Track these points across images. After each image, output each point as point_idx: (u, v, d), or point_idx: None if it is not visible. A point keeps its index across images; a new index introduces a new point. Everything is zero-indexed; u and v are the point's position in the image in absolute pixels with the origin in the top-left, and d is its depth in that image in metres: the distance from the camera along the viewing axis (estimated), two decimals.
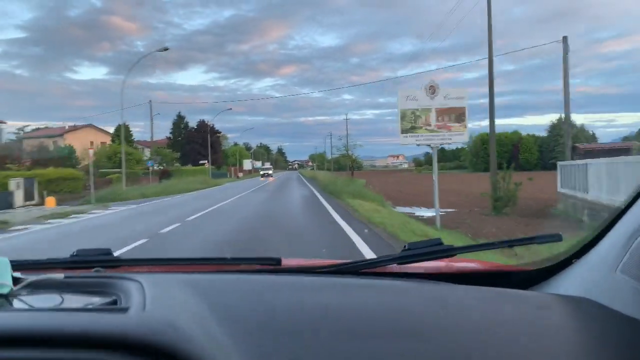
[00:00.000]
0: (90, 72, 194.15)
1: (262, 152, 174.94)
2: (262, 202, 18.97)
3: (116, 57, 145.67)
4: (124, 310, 0.70)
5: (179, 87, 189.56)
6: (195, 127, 66.87)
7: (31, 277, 0.85)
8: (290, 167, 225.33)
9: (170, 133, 66.92)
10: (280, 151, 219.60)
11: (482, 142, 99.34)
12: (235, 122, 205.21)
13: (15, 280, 0.85)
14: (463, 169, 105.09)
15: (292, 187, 30.07)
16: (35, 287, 0.85)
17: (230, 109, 74.74)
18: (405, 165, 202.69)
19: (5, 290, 0.82)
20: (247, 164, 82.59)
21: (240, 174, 78.39)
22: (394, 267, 1.14)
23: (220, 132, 71.44)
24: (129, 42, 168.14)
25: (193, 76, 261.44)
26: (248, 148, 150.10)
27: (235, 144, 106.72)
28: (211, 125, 68.77)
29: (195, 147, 62.70)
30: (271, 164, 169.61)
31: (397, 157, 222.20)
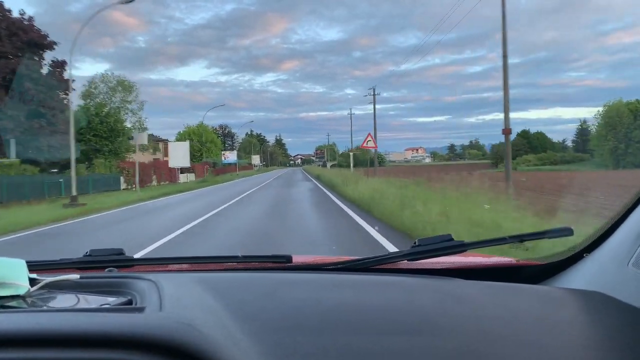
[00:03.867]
0: (92, 69, 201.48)
1: (254, 143, 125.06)
2: None
3: (118, 53, 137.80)
4: (140, 309, 0.72)
5: (179, 82, 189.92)
6: None
7: (47, 278, 0.89)
8: (291, 162, 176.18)
9: None
10: (279, 142, 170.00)
11: (634, 117, 44.65)
12: (237, 117, 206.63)
13: (32, 281, 0.88)
14: (575, 163, 56.56)
15: None
16: (51, 288, 0.89)
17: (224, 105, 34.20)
18: (428, 160, 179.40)
19: (22, 291, 0.84)
20: (175, 157, 36.24)
21: (184, 178, 46.22)
22: (404, 264, 1.19)
23: (61, 62, 23.79)
24: (130, 37, 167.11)
25: (194, 71, 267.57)
26: (228, 135, 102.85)
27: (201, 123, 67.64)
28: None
29: None
30: (263, 160, 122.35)
31: (417, 150, 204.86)
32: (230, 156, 65.57)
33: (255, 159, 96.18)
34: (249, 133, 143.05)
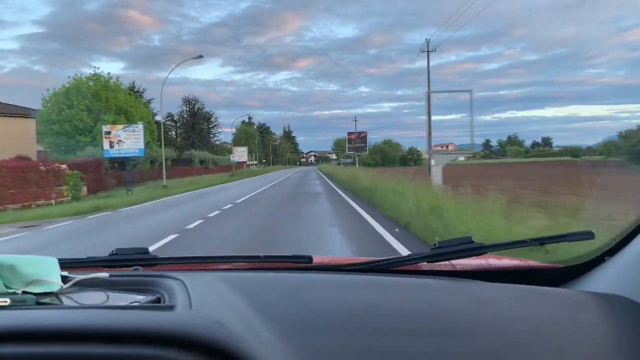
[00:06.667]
0: (107, 67, 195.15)
1: (251, 133, 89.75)
2: None
3: (133, 52, 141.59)
4: (171, 308, 0.77)
5: (194, 81, 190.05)
6: None
7: (79, 276, 0.97)
8: (302, 160, 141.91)
9: None
10: (287, 135, 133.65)
11: None
12: (252, 116, 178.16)
13: (63, 279, 0.96)
14: None
15: None
16: (82, 285, 0.97)
17: (202, 56, 30.51)
18: (462, 158, 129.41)
19: (55, 288, 0.92)
20: None
21: None
22: (424, 265, 1.25)
23: None
24: (145, 36, 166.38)
25: (209, 70, 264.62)
26: (198, 114, 69.46)
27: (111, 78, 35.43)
28: None
29: None
30: (259, 160, 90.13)
31: (447, 146, 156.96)
32: (130, 141, 24.57)
33: (240, 153, 60.33)
34: (246, 121, 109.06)
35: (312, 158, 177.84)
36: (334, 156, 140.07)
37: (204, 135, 75.17)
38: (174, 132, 73.86)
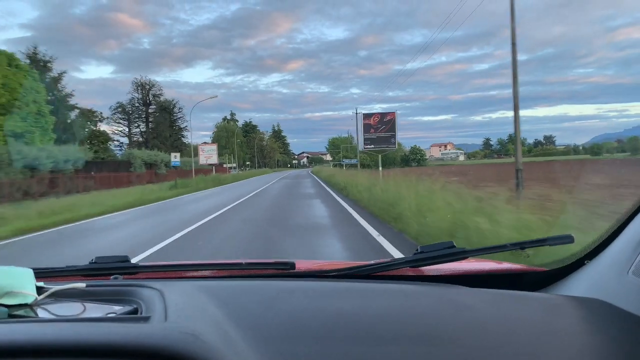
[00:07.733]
0: (97, 71, 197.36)
1: (233, 131, 77.24)
2: None
3: (122, 55, 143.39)
4: (146, 319, 0.77)
5: (184, 84, 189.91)
6: None
7: (54, 287, 0.97)
8: (294, 162, 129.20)
9: None
10: (277, 134, 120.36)
11: None
12: (242, 119, 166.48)
13: (39, 289, 0.95)
14: None
15: None
16: (59, 296, 0.96)
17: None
18: (462, 158, 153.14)
19: (30, 300, 0.91)
20: None
21: None
22: (407, 270, 1.27)
23: None
24: (135, 39, 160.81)
25: (199, 73, 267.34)
26: (164, 108, 57.68)
27: None
28: None
29: None
30: (242, 162, 77.36)
31: (445, 146, 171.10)
32: None
33: (208, 153, 46.10)
34: (228, 118, 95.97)
35: (305, 160, 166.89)
36: (328, 157, 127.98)
37: (161, 131, 57.07)
38: (124, 126, 58.11)
